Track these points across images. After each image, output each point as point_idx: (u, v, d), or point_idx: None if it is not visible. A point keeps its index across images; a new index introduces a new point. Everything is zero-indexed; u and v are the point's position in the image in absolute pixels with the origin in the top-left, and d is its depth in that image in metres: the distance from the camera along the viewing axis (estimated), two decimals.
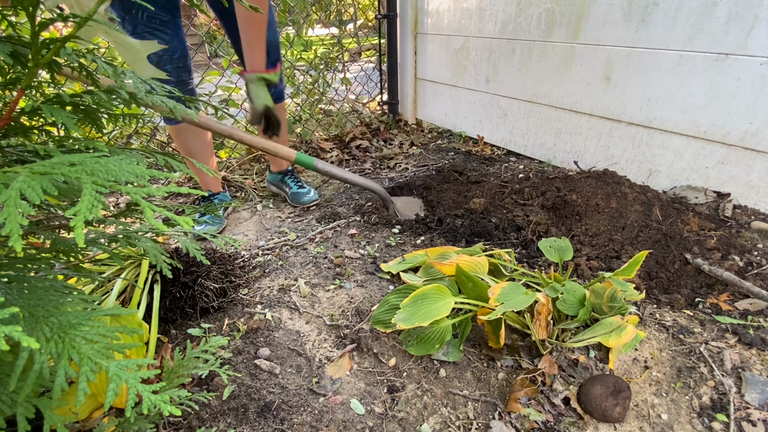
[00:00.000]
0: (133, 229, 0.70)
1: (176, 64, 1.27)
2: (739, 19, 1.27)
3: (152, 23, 1.17)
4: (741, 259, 1.16)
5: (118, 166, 0.39)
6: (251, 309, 1.14)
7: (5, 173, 0.34)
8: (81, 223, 0.33)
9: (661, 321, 1.04)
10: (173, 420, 0.83)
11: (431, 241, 1.40)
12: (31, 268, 0.53)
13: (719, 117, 1.37)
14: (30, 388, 0.41)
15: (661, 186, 1.58)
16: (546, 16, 1.77)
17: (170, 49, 1.23)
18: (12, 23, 0.60)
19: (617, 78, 1.60)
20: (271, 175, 1.80)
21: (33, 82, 0.49)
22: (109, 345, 0.42)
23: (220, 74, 2.13)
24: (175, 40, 1.24)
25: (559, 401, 0.85)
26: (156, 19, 1.18)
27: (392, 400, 0.88)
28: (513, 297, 0.87)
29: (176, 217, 0.37)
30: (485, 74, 2.16)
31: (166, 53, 1.23)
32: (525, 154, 2.10)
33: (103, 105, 0.56)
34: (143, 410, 0.41)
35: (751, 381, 0.87)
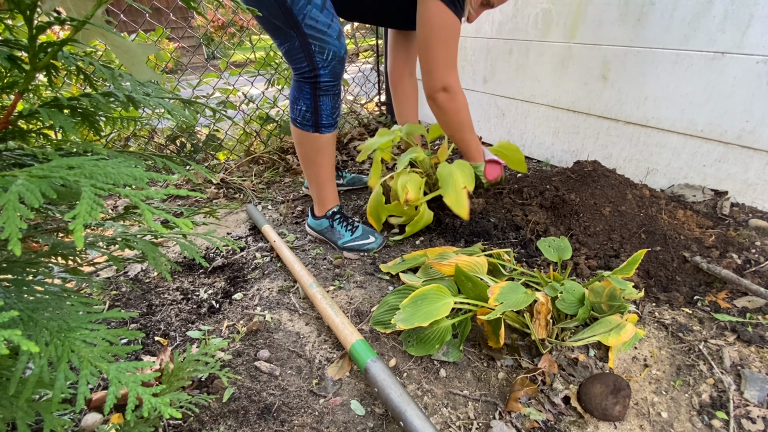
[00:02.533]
0: (132, 231, 0.70)
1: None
2: (735, 18, 1.28)
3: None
4: (739, 257, 1.17)
5: (117, 168, 0.39)
6: (251, 311, 1.14)
7: (4, 177, 0.34)
8: (80, 226, 0.33)
9: (660, 319, 1.05)
10: (173, 423, 0.83)
11: (430, 242, 1.40)
12: (30, 271, 0.53)
13: (716, 115, 1.38)
14: (30, 392, 0.41)
15: (659, 184, 1.59)
16: (543, 16, 1.77)
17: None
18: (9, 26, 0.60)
19: (614, 77, 1.61)
20: (315, 221, 1.43)
21: (30, 85, 0.49)
22: (109, 348, 0.42)
23: (218, 76, 2.13)
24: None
25: (560, 400, 0.85)
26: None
27: None
28: (512, 296, 0.87)
29: (175, 220, 0.37)
30: (483, 74, 2.16)
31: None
32: (523, 153, 2.11)
33: (100, 108, 0.56)
34: (143, 413, 0.41)
35: (751, 378, 0.87)
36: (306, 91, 1.15)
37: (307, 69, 1.11)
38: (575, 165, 1.50)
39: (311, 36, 1.05)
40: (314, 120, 1.18)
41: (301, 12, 1.02)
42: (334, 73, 1.13)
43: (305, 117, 1.19)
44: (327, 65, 1.10)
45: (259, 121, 2.23)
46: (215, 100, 2.16)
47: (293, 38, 1.06)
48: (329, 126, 1.21)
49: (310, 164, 1.29)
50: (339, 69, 1.13)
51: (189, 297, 1.21)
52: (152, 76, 0.63)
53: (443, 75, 1.20)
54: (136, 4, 0.63)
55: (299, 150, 1.29)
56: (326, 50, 1.08)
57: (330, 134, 1.23)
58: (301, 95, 1.16)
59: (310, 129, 1.21)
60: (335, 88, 1.16)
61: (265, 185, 1.99)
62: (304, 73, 1.12)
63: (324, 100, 1.16)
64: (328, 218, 1.38)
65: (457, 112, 1.28)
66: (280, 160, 2.15)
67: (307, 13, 1.02)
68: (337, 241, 1.39)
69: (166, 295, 1.21)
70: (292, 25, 1.04)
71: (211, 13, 5.61)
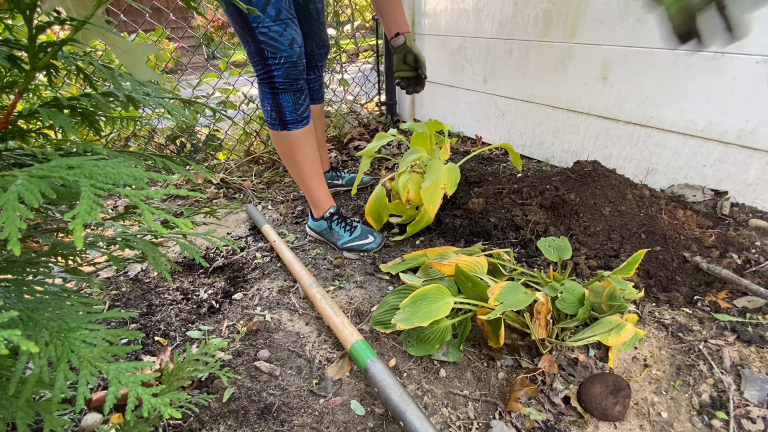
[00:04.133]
0: (132, 231, 0.70)
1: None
2: None
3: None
4: (739, 257, 1.17)
5: (117, 168, 0.39)
6: (251, 311, 1.14)
7: (3, 177, 0.34)
8: (80, 226, 0.33)
9: (660, 319, 1.05)
10: (173, 423, 0.83)
11: (430, 242, 1.40)
12: (30, 271, 0.53)
13: (716, 115, 1.38)
14: (30, 392, 0.41)
15: (659, 184, 1.59)
16: (543, 15, 1.77)
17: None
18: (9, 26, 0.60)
19: (614, 77, 1.61)
20: (314, 222, 1.45)
21: (30, 85, 0.49)
22: (109, 348, 0.42)
23: (218, 76, 2.13)
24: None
25: (560, 400, 0.85)
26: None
27: None
28: (512, 296, 0.87)
29: (175, 220, 0.37)
30: (483, 74, 2.16)
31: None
32: (523, 153, 2.11)
33: (100, 108, 0.56)
34: (143, 413, 0.41)
35: (751, 378, 0.87)
36: (266, 92, 1.21)
37: (263, 71, 1.18)
38: (575, 165, 1.50)
39: (264, 42, 1.12)
40: (279, 118, 1.24)
41: (255, 20, 1.10)
42: (288, 74, 1.18)
43: (272, 116, 1.25)
44: (280, 67, 1.16)
45: (259, 121, 2.23)
46: (215, 100, 2.15)
47: (250, 43, 1.14)
48: (295, 122, 1.25)
49: (289, 164, 1.33)
50: (293, 72, 1.18)
51: (189, 297, 1.21)
52: (152, 76, 0.63)
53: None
54: (136, 4, 0.63)
55: (278, 151, 1.34)
56: (278, 56, 1.15)
57: (298, 130, 1.26)
58: (264, 96, 1.23)
59: (278, 128, 1.26)
60: (293, 85, 1.21)
61: (265, 185, 1.99)
62: (261, 74, 1.19)
63: (283, 97, 1.21)
64: (326, 219, 1.40)
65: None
66: (279, 160, 2.15)
67: (261, 23, 1.10)
68: (337, 242, 1.41)
69: (166, 295, 1.21)
70: (247, 31, 1.12)
71: (211, 13, 5.61)
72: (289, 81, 1.19)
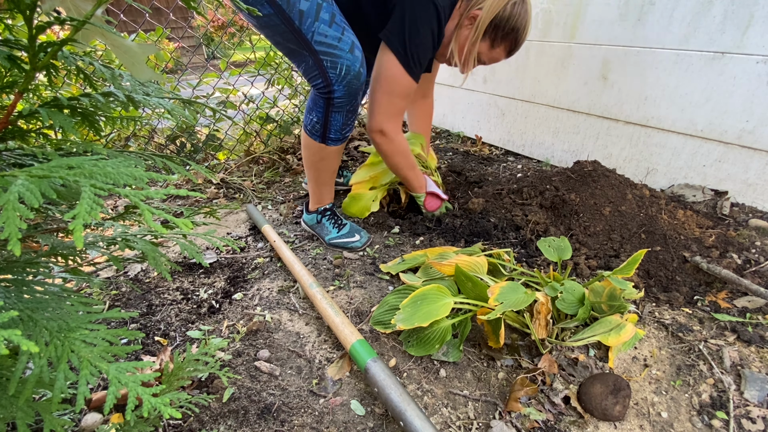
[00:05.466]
0: (132, 231, 0.70)
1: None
2: (735, 18, 1.27)
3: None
4: (739, 257, 1.17)
5: (117, 168, 0.39)
6: (251, 311, 1.14)
7: (4, 177, 0.34)
8: (80, 226, 0.33)
9: (660, 319, 1.05)
10: (173, 423, 0.83)
11: (430, 242, 1.40)
12: (30, 271, 0.53)
13: (716, 115, 1.38)
14: (30, 392, 0.41)
15: (659, 184, 1.59)
16: (543, 15, 1.77)
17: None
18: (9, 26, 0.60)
19: (614, 77, 1.61)
20: (308, 216, 1.47)
21: (30, 85, 0.49)
22: (109, 348, 0.42)
23: (218, 76, 2.13)
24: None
25: (560, 400, 0.85)
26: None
27: None
28: (512, 296, 0.87)
29: (175, 220, 0.37)
30: (483, 74, 2.16)
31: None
32: (523, 153, 2.11)
33: (100, 108, 0.56)
34: (143, 413, 0.41)
35: (751, 378, 0.87)
36: (320, 105, 1.15)
37: (322, 85, 1.11)
38: (575, 165, 1.50)
39: (322, 52, 1.05)
40: (322, 132, 1.20)
41: (309, 30, 1.03)
42: (350, 90, 1.12)
43: (315, 127, 1.20)
44: (341, 81, 1.09)
45: (259, 121, 2.23)
46: (215, 100, 2.15)
47: (307, 57, 1.07)
48: (336, 140, 1.23)
49: (312, 167, 1.32)
50: (355, 85, 1.12)
51: (189, 297, 1.21)
52: (152, 76, 0.63)
53: (381, 120, 1.23)
54: (136, 4, 0.63)
55: (304, 153, 1.31)
56: (338, 65, 1.07)
57: (336, 147, 1.25)
58: (315, 107, 1.17)
59: (317, 139, 1.22)
60: (349, 105, 1.15)
61: (265, 185, 1.99)
62: (320, 89, 1.12)
63: (335, 116, 1.17)
64: (319, 213, 1.42)
65: (393, 154, 1.33)
66: (280, 160, 2.15)
67: (316, 30, 1.03)
68: (324, 237, 1.43)
69: (166, 295, 1.21)
70: (303, 44, 1.05)
71: (211, 13, 5.61)
72: (348, 99, 1.13)
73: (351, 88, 1.11)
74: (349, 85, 1.10)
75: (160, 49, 2.24)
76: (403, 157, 1.35)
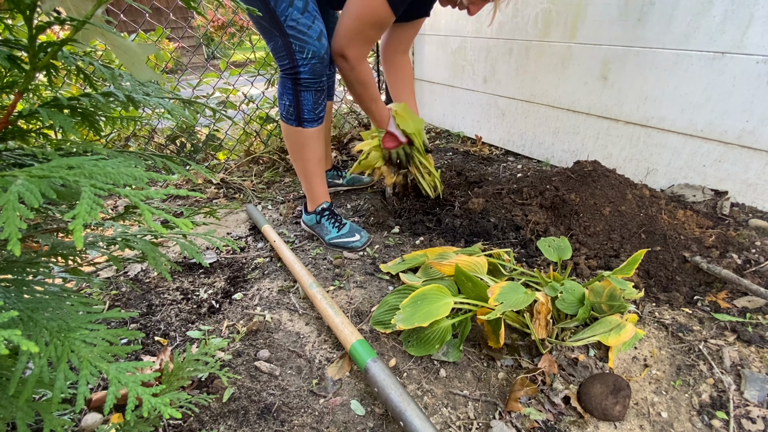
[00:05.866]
0: (132, 231, 0.70)
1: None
2: (735, 18, 1.27)
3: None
4: (739, 257, 1.17)
5: (117, 168, 0.39)
6: (251, 311, 1.14)
7: (3, 177, 0.34)
8: (80, 226, 0.33)
9: (660, 319, 1.05)
10: (173, 423, 0.83)
11: (430, 242, 1.40)
12: (30, 271, 0.53)
13: (716, 115, 1.38)
14: (30, 392, 0.41)
15: (659, 184, 1.59)
16: (543, 15, 1.77)
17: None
18: (9, 26, 0.60)
19: (614, 77, 1.61)
20: (307, 216, 1.47)
21: (30, 85, 0.49)
22: (109, 348, 0.42)
23: (218, 76, 2.13)
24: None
25: (560, 400, 0.85)
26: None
27: None
28: (512, 296, 0.87)
29: (175, 220, 0.37)
30: (483, 74, 2.16)
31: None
32: (523, 153, 2.11)
33: (100, 108, 0.56)
34: (143, 413, 0.41)
35: (751, 378, 0.87)
36: (288, 87, 1.20)
37: (288, 66, 1.16)
38: (575, 165, 1.50)
39: (292, 36, 1.11)
40: (296, 114, 1.24)
41: (283, 14, 1.08)
42: (314, 71, 1.17)
43: (289, 111, 1.25)
44: (307, 63, 1.15)
45: (259, 121, 2.23)
46: (215, 100, 2.15)
47: (277, 37, 1.12)
48: (311, 121, 1.26)
49: (296, 158, 1.34)
50: (319, 68, 1.17)
51: (189, 297, 1.21)
52: (152, 76, 0.63)
53: (343, 43, 1.18)
54: (136, 4, 0.63)
55: (287, 144, 1.34)
56: (306, 49, 1.13)
57: (313, 129, 1.27)
58: (285, 90, 1.22)
59: (293, 123, 1.26)
60: (317, 84, 1.20)
61: (265, 185, 1.99)
62: (287, 69, 1.18)
63: (305, 95, 1.21)
64: (318, 214, 1.42)
65: (353, 83, 1.28)
66: (280, 160, 2.15)
67: (289, 15, 1.08)
68: (324, 237, 1.43)
69: (166, 295, 1.21)
70: (275, 25, 1.10)
71: (211, 13, 5.61)
72: (313, 78, 1.18)
73: (315, 70, 1.17)
74: (314, 67, 1.17)
75: (160, 49, 2.24)
76: (363, 87, 1.31)
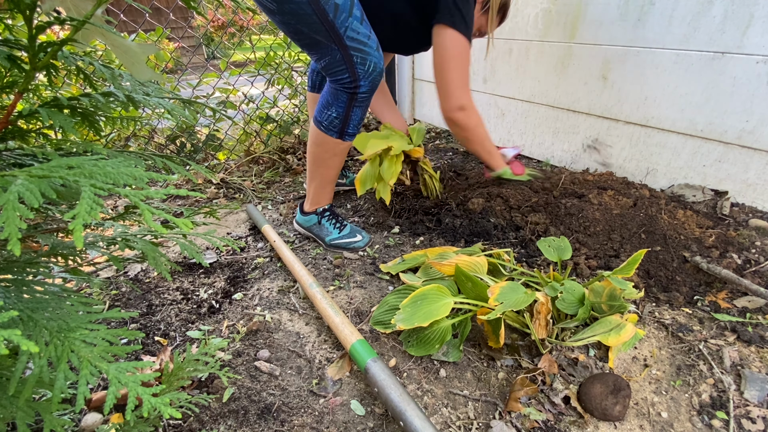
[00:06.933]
0: (132, 231, 0.70)
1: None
2: (735, 18, 1.27)
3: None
4: (739, 257, 1.17)
5: (117, 168, 0.39)
6: (251, 311, 1.14)
7: (3, 177, 0.34)
8: (80, 226, 0.33)
9: (660, 319, 1.05)
10: (173, 423, 0.83)
11: (430, 242, 1.40)
12: (30, 271, 0.53)
13: (716, 115, 1.38)
14: (30, 392, 0.41)
15: (659, 184, 1.59)
16: (543, 15, 1.77)
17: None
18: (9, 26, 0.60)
19: (614, 77, 1.61)
20: (303, 217, 1.44)
21: (30, 85, 0.49)
22: (109, 348, 0.42)
23: (218, 76, 2.13)
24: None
25: (560, 400, 0.85)
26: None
27: None
28: (512, 296, 0.87)
29: (175, 220, 0.37)
30: (483, 74, 2.16)
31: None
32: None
33: (100, 108, 0.56)
34: (143, 413, 0.41)
35: (751, 378, 0.87)
36: (342, 100, 1.15)
37: (348, 80, 1.11)
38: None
39: (353, 48, 1.06)
40: (341, 128, 1.20)
41: (342, 25, 1.03)
42: (374, 85, 1.15)
43: (332, 123, 1.20)
44: (368, 76, 1.11)
45: (259, 121, 2.23)
46: (215, 100, 2.15)
47: (335, 51, 1.07)
48: (353, 135, 1.24)
49: (321, 165, 1.30)
50: (378, 81, 1.15)
51: (189, 297, 1.21)
52: (152, 76, 0.63)
53: (459, 96, 1.26)
54: (136, 4, 0.63)
55: (315, 150, 1.29)
56: (368, 61, 1.09)
57: (351, 142, 1.26)
58: (335, 102, 1.17)
59: (334, 135, 1.22)
60: (369, 99, 1.18)
61: (265, 185, 1.99)
62: (346, 83, 1.12)
63: (356, 111, 1.18)
64: (318, 214, 1.40)
65: (476, 127, 1.34)
66: (280, 160, 2.15)
67: (349, 26, 1.04)
68: (325, 238, 1.41)
69: (166, 295, 1.21)
70: (334, 38, 1.05)
71: (211, 13, 5.61)
72: (370, 94, 1.16)
73: (374, 84, 1.15)
74: (374, 81, 1.14)
75: (160, 49, 2.24)
76: (483, 126, 1.36)
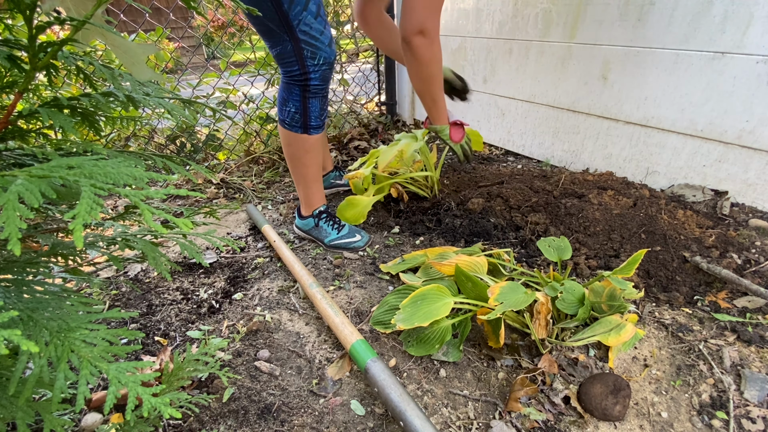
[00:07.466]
0: (132, 231, 0.70)
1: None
2: (735, 18, 1.27)
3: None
4: (739, 257, 1.17)
5: (117, 168, 0.39)
6: (251, 311, 1.14)
7: (3, 177, 0.34)
8: (80, 226, 0.33)
9: (660, 319, 1.05)
10: (173, 423, 0.83)
11: (430, 242, 1.40)
12: (30, 271, 0.53)
13: (716, 115, 1.38)
14: (30, 392, 0.41)
15: (659, 184, 1.59)
16: (543, 15, 1.77)
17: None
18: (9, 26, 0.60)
19: (614, 77, 1.61)
20: (302, 221, 1.44)
21: (30, 85, 0.49)
22: (109, 348, 0.42)
23: (218, 76, 2.13)
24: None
25: (560, 400, 0.85)
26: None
27: None
28: (512, 296, 0.87)
29: (175, 220, 0.37)
30: (483, 74, 2.16)
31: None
32: (523, 153, 2.11)
33: (100, 108, 0.56)
34: (143, 413, 0.41)
35: (751, 378, 0.87)
36: (295, 93, 1.17)
37: (297, 72, 1.13)
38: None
39: (304, 41, 1.08)
40: (303, 121, 1.21)
41: (296, 18, 1.05)
42: (324, 77, 1.16)
43: (294, 118, 1.21)
44: (318, 69, 1.13)
45: (259, 121, 2.23)
46: (215, 100, 2.15)
47: (286, 42, 1.08)
48: (317, 127, 1.24)
49: (297, 164, 1.31)
50: (328, 73, 1.17)
51: (189, 297, 1.21)
52: (152, 76, 0.63)
53: (424, 17, 1.13)
54: (136, 4, 0.63)
55: (287, 150, 1.31)
56: (317, 56, 1.11)
57: (317, 135, 1.26)
58: (290, 97, 1.19)
59: (298, 130, 1.23)
60: (324, 90, 1.19)
61: (265, 185, 1.99)
62: (295, 75, 1.14)
63: (313, 102, 1.19)
64: (315, 217, 1.40)
65: (430, 61, 1.21)
66: (280, 160, 2.15)
67: (302, 20, 1.05)
68: (324, 240, 1.41)
69: (166, 295, 1.21)
70: (286, 29, 1.06)
71: (211, 13, 5.61)
72: (322, 85, 1.17)
73: (325, 76, 1.16)
74: (324, 73, 1.15)
75: (160, 49, 2.24)
76: (438, 66, 1.24)
